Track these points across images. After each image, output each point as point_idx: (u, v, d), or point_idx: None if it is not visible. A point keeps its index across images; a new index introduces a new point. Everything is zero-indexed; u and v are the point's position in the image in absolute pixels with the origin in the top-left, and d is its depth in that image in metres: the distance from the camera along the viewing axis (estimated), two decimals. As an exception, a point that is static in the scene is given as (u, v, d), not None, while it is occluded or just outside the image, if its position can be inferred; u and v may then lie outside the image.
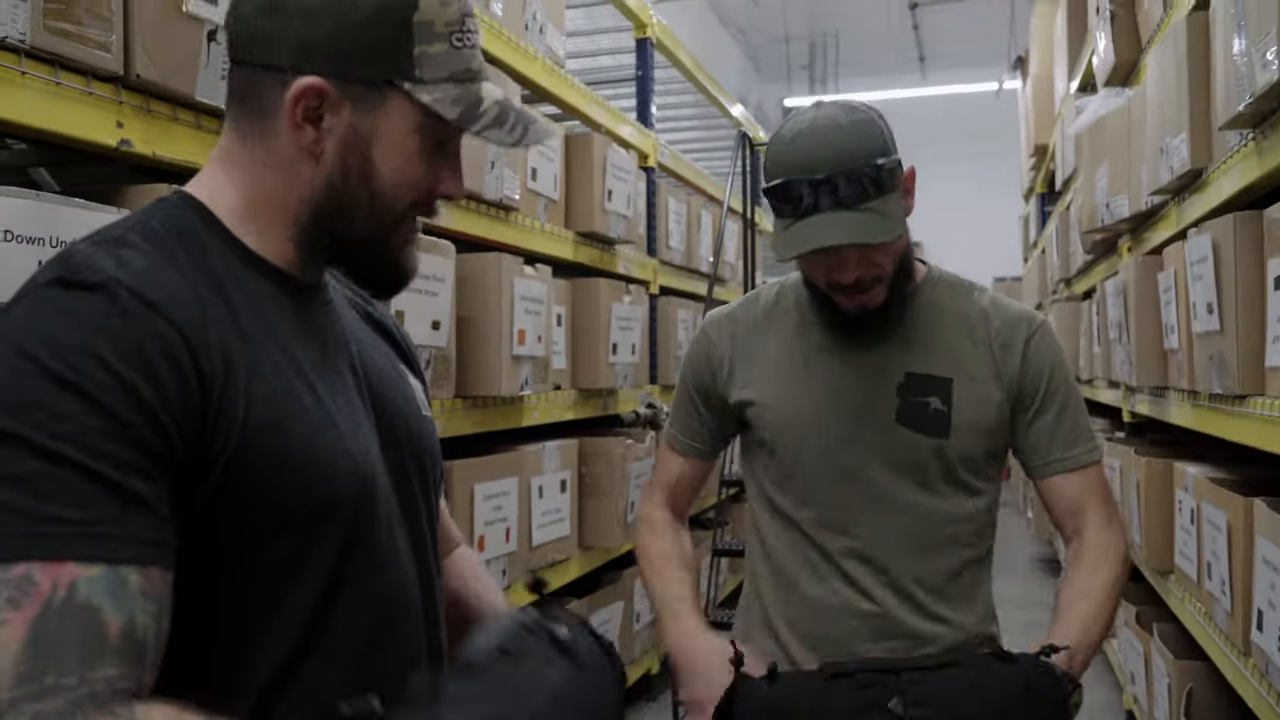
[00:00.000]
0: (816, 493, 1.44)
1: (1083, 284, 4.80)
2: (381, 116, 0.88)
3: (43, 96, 1.43)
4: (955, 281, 1.52)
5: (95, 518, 0.69)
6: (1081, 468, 1.43)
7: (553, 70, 3.27)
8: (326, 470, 0.84)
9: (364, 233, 0.91)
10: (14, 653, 0.64)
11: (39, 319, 0.74)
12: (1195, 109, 2.34)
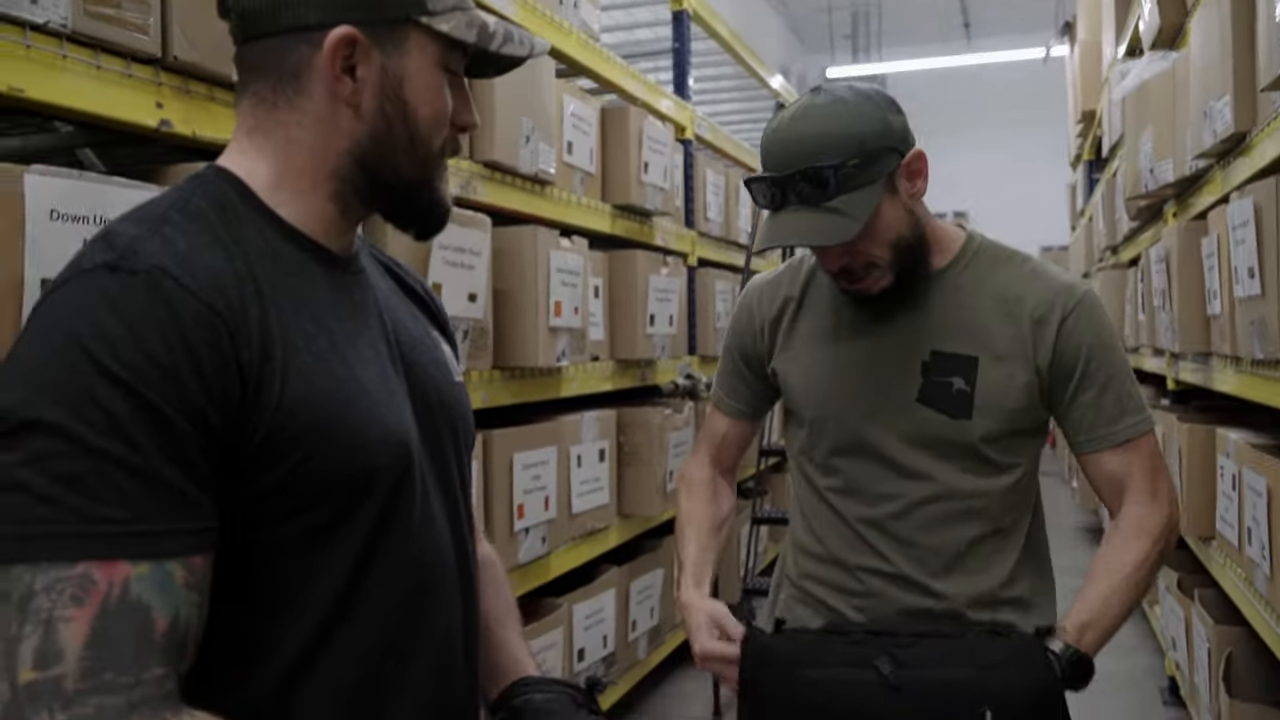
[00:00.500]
0: (838, 464, 1.47)
1: (1129, 251, 4.74)
2: (406, 55, 0.91)
3: (84, 80, 1.48)
4: (998, 251, 1.49)
5: (141, 514, 0.73)
6: (1125, 443, 1.40)
7: (587, 44, 3.28)
8: (362, 440, 0.87)
9: (409, 175, 0.94)
10: (78, 649, 0.69)
11: (89, 307, 0.76)
12: (1239, 71, 2.31)
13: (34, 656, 0.68)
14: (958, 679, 1.28)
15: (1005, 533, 1.44)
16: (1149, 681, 4.05)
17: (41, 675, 0.68)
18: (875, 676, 1.29)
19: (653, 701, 3.91)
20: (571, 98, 3.12)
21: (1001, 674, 1.28)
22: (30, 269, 1.32)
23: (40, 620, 0.69)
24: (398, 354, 0.98)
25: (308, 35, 0.89)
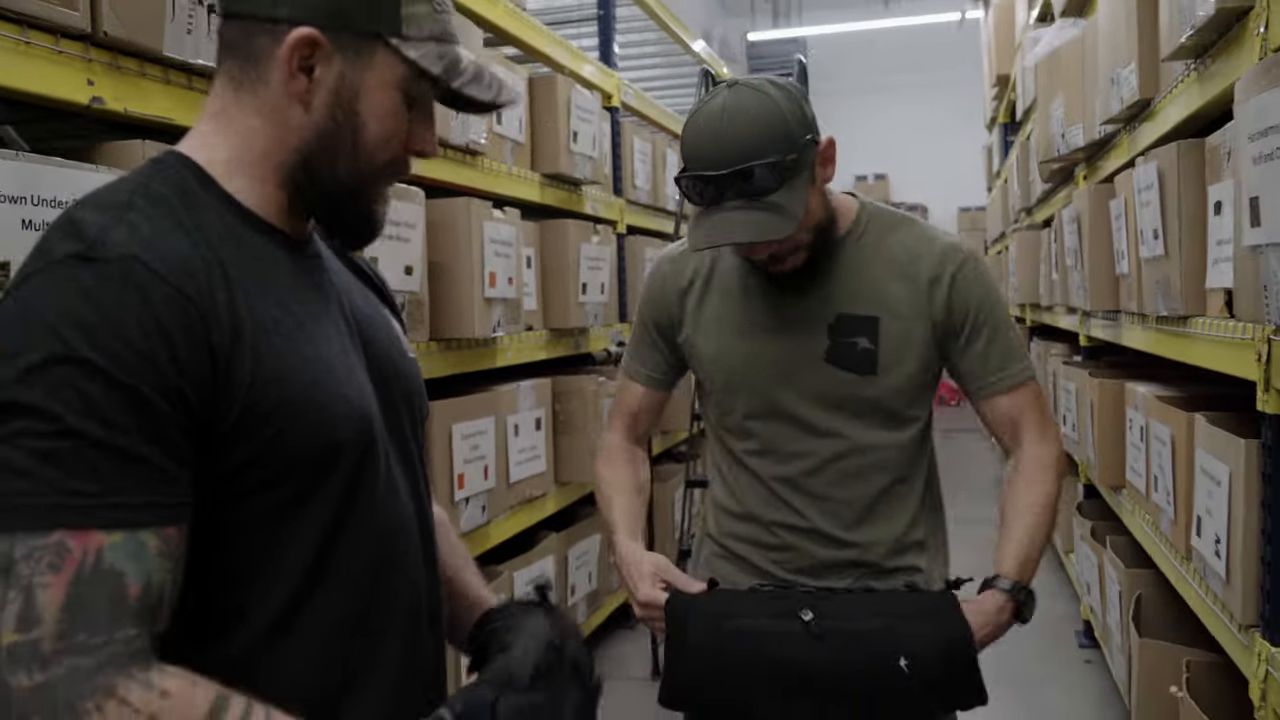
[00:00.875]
0: (752, 427, 1.55)
1: (1043, 212, 4.90)
2: (368, 70, 0.93)
3: (12, 56, 1.45)
4: (888, 217, 1.57)
5: (114, 488, 0.76)
6: (1015, 387, 1.52)
7: (514, 13, 3.28)
8: (329, 415, 0.90)
9: (345, 182, 0.96)
10: (54, 613, 0.72)
11: (63, 297, 0.78)
12: (1144, 40, 2.41)
13: (15, 620, 0.72)
14: (876, 629, 1.37)
15: (908, 482, 1.55)
16: (1065, 626, 4.25)
17: (22, 638, 0.72)
18: (799, 626, 1.38)
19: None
20: (500, 68, 3.12)
21: (917, 625, 1.38)
22: (-31, 251, 1.31)
23: (21, 586, 0.72)
24: (355, 333, 1.01)
25: (274, 27, 0.91)
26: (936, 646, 1.37)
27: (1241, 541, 1.80)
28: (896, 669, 1.35)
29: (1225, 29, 1.85)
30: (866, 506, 1.53)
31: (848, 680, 1.38)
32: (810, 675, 1.38)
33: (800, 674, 1.38)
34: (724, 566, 1.61)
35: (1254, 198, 1.47)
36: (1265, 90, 1.41)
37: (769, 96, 1.39)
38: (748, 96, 1.38)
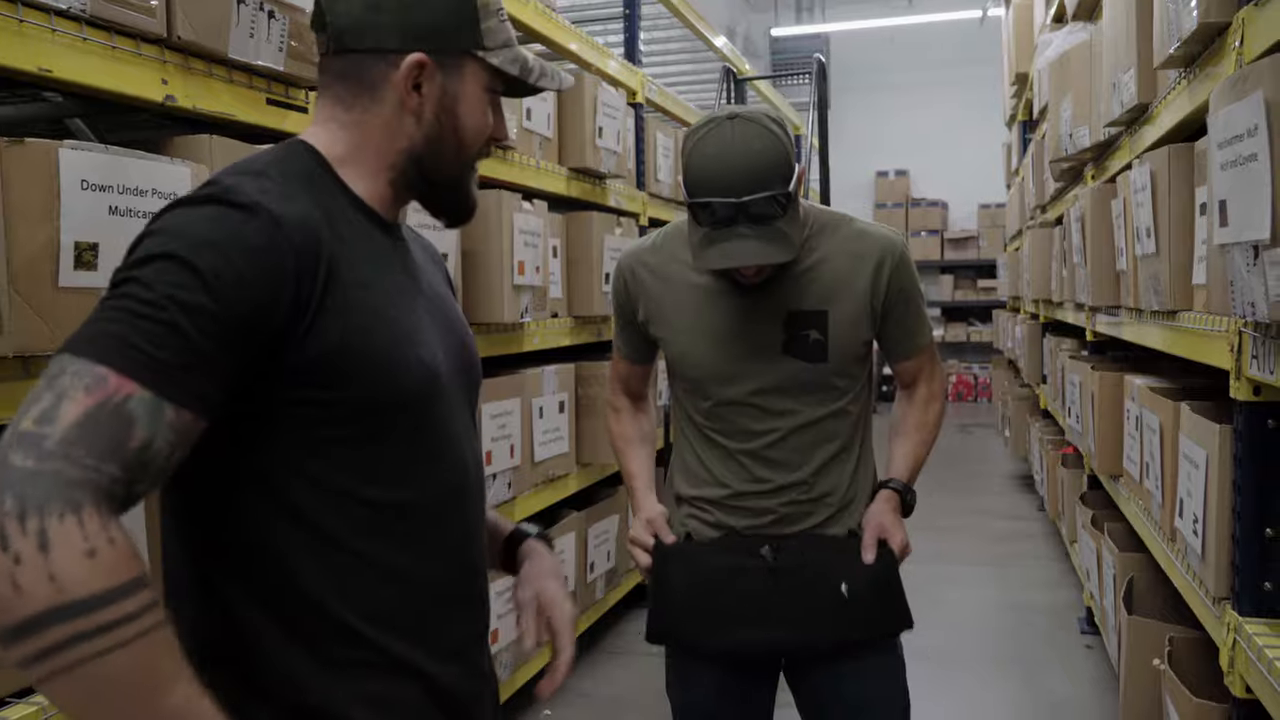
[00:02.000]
0: (719, 412, 1.76)
1: (1055, 210, 5.01)
2: (462, 80, 1.13)
3: (101, 59, 1.62)
4: (827, 218, 1.78)
5: (164, 360, 0.90)
6: (922, 349, 1.86)
7: (544, 13, 3.43)
8: (403, 370, 1.07)
9: (451, 173, 1.15)
10: (69, 422, 0.85)
11: (190, 221, 0.96)
12: (1142, 47, 2.54)
13: (38, 414, 0.85)
14: (822, 561, 1.73)
15: (851, 444, 1.80)
16: (1069, 613, 4.39)
17: (35, 430, 0.84)
18: (760, 562, 1.72)
19: (611, 640, 4.15)
20: (530, 66, 3.27)
21: (853, 561, 1.73)
22: (65, 234, 1.47)
23: (56, 393, 0.86)
24: (431, 305, 1.18)
25: (387, 56, 1.09)
26: (868, 576, 1.72)
27: (1215, 520, 1.94)
28: (838, 594, 1.71)
29: (1209, 41, 1.98)
30: (819, 467, 1.75)
31: (798, 605, 1.70)
32: (767, 604, 1.71)
33: (760, 604, 1.71)
34: (696, 525, 1.81)
35: (1222, 200, 1.61)
36: (1233, 102, 1.55)
37: (771, 132, 1.58)
38: (753, 131, 1.57)
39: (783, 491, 1.74)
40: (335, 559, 1.04)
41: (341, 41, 1.10)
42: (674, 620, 1.78)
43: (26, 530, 0.80)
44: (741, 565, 1.73)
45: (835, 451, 1.76)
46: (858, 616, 1.72)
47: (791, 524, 1.75)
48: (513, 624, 3.10)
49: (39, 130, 2.02)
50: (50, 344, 1.46)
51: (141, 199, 1.59)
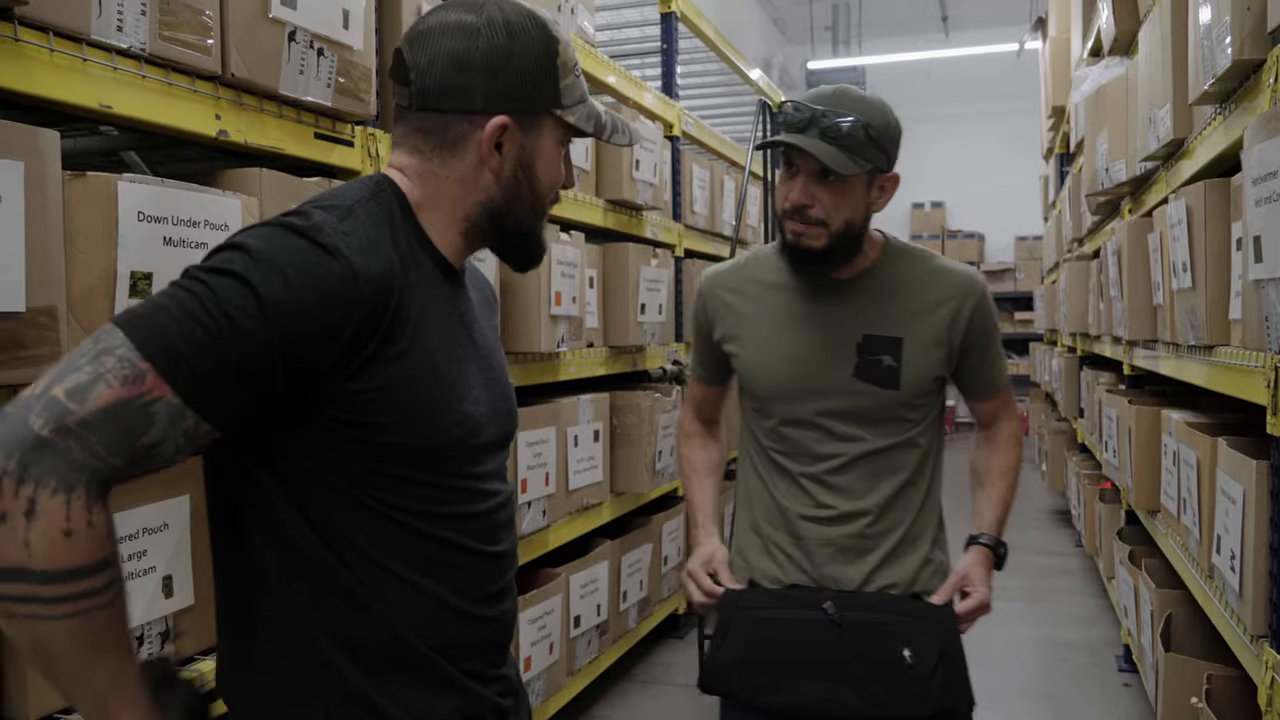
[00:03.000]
0: (785, 432, 1.75)
1: (1093, 244, 4.99)
2: (540, 137, 1.17)
3: (158, 96, 1.68)
4: (909, 251, 1.79)
5: (202, 374, 0.94)
6: (1001, 391, 1.86)
7: (583, 48, 3.50)
8: (443, 423, 1.11)
9: (526, 225, 1.20)
10: (97, 406, 0.90)
11: (276, 246, 1.00)
12: (1177, 83, 2.55)
13: (73, 386, 0.90)
14: (885, 623, 1.65)
15: (918, 479, 1.75)
16: (1106, 650, 4.33)
17: (64, 400, 0.89)
18: (822, 616, 1.66)
19: (641, 669, 4.15)
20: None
21: (920, 626, 1.65)
22: (122, 263, 1.53)
23: (97, 372, 0.91)
24: (480, 355, 1.22)
25: (471, 117, 1.14)
26: (935, 646, 1.64)
27: (1253, 557, 1.93)
28: (901, 658, 1.62)
29: (1244, 78, 1.99)
30: (886, 499, 1.71)
31: (859, 664, 1.63)
32: (828, 659, 1.64)
33: (819, 657, 1.65)
34: (757, 557, 1.79)
35: (1257, 236, 1.61)
36: (1266, 139, 1.56)
37: (884, 104, 1.63)
38: (877, 97, 1.63)
39: (845, 520, 1.71)
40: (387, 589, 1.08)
41: (425, 100, 1.14)
42: (733, 673, 1.72)
43: (19, 494, 0.87)
44: (805, 619, 1.68)
45: (902, 484, 1.73)
46: (919, 688, 1.63)
47: (852, 559, 1.71)
48: (545, 650, 3.12)
49: (94, 162, 2.10)
50: (105, 369, 1.51)
51: (194, 230, 1.65)
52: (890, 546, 1.71)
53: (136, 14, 1.61)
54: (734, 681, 1.71)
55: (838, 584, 1.71)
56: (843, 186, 1.61)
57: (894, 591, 1.70)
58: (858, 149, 1.58)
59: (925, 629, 1.65)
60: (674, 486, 4.37)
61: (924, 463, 1.76)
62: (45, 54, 1.47)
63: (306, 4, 1.93)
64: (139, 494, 1.62)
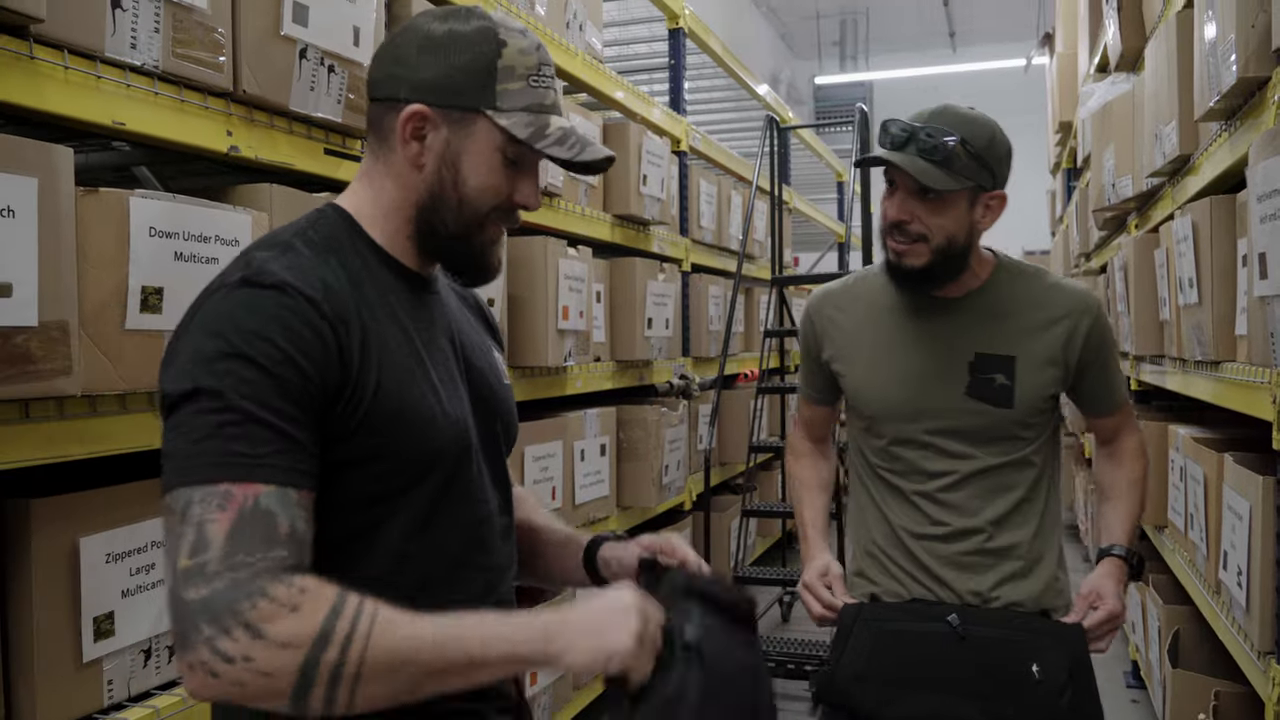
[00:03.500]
0: (895, 451, 1.74)
1: (1099, 258, 4.99)
2: (469, 136, 1.15)
3: (171, 112, 1.70)
4: (1022, 268, 1.77)
5: (266, 453, 0.96)
6: (1118, 408, 1.82)
7: (591, 64, 3.52)
8: (430, 428, 1.11)
9: (455, 230, 1.16)
10: (220, 541, 0.92)
11: (229, 308, 1.01)
12: (1183, 100, 2.55)
13: (189, 549, 0.92)
14: (1012, 638, 1.61)
15: (1033, 497, 1.72)
16: (1115, 665, 4.31)
17: (193, 562, 0.92)
18: (946, 628, 1.63)
19: (647, 683, 4.13)
20: (576, 114, 3.35)
21: (1049, 642, 1.61)
22: (133, 278, 1.54)
23: (194, 523, 0.93)
24: (461, 360, 1.22)
25: (397, 105, 1.14)
26: (1064, 664, 1.59)
27: (1259, 573, 1.93)
28: (1029, 674, 1.57)
29: (1249, 95, 2.00)
30: (1000, 517, 1.69)
31: (985, 679, 1.59)
32: (952, 673, 1.61)
33: (943, 671, 1.62)
34: (877, 574, 1.77)
35: (1261, 253, 1.62)
36: (1271, 156, 1.56)
37: (991, 123, 1.63)
38: (982, 114, 1.64)
39: (960, 538, 1.68)
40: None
41: (370, 91, 1.17)
42: (853, 685, 1.68)
43: (234, 635, 0.90)
44: (928, 631, 1.65)
45: (1016, 502, 1.69)
46: (1047, 705, 1.58)
47: (975, 574, 1.68)
48: (552, 665, 3.12)
49: (105, 178, 2.12)
50: (115, 385, 1.53)
51: (205, 245, 1.67)
52: (1011, 563, 1.69)
53: (150, 32, 1.63)
54: (854, 694, 1.68)
55: (961, 598, 1.68)
56: (942, 204, 1.61)
57: (1020, 609, 1.67)
58: (957, 166, 1.58)
59: (1054, 646, 1.60)
60: (680, 501, 4.37)
61: (1039, 481, 1.73)
62: (60, 71, 1.49)
63: (318, 21, 1.95)
64: (149, 507, 1.63)
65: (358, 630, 0.92)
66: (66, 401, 1.48)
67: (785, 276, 5.24)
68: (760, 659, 1.15)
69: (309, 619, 0.91)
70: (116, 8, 1.56)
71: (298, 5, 1.91)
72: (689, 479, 4.43)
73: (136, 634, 1.60)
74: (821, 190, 9.64)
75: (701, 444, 4.46)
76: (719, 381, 4.41)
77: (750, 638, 1.16)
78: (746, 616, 1.15)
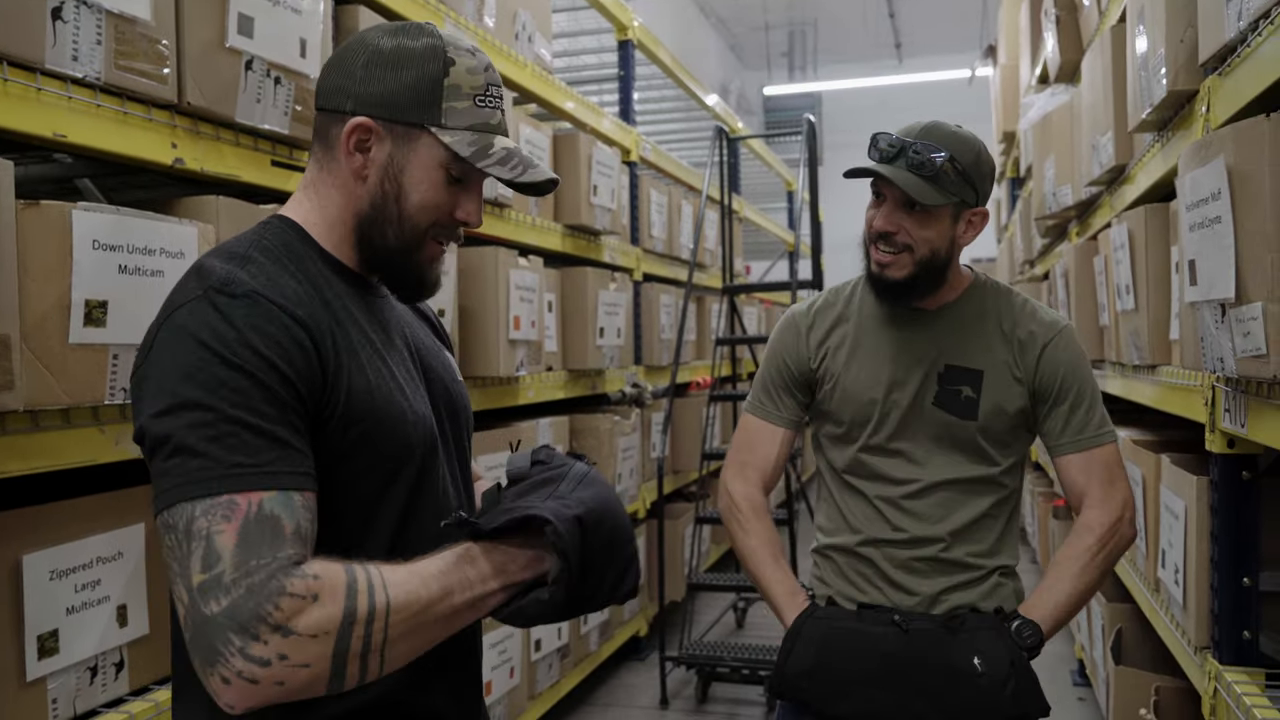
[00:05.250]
0: (861, 457, 1.76)
1: (1043, 265, 5.09)
2: (413, 152, 1.16)
3: (114, 124, 1.69)
4: (996, 287, 1.79)
5: (266, 460, 0.97)
6: (1085, 450, 1.70)
7: (541, 75, 3.53)
8: (403, 424, 1.13)
9: (394, 242, 1.17)
10: (230, 551, 0.93)
11: (203, 320, 1.01)
12: (1118, 112, 2.63)
13: (200, 563, 0.93)
14: (956, 632, 1.65)
15: (994, 516, 1.73)
16: (1061, 665, 4.39)
17: (208, 575, 0.92)
18: (892, 626, 1.67)
19: (603, 693, 4.14)
20: (526, 125, 3.36)
21: (989, 635, 1.65)
22: (76, 292, 1.53)
23: (202, 537, 0.93)
24: (417, 360, 1.23)
25: (342, 117, 1.15)
26: (1006, 656, 1.63)
27: (1195, 570, 1.98)
28: (971, 667, 1.62)
29: (1179, 107, 2.07)
30: (959, 528, 1.70)
31: (930, 673, 1.63)
32: (898, 668, 1.64)
33: (889, 666, 1.65)
34: (833, 579, 1.79)
35: (1191, 260, 1.67)
36: (1198, 167, 1.62)
37: (977, 141, 1.67)
38: (969, 133, 1.67)
39: (918, 544, 1.70)
40: None
41: (317, 101, 1.18)
42: (803, 680, 1.71)
43: (264, 639, 0.91)
44: (875, 630, 1.68)
45: (978, 516, 1.71)
46: (991, 696, 1.61)
47: (925, 577, 1.70)
48: (506, 675, 3.12)
49: (47, 189, 2.09)
50: (59, 399, 1.51)
51: (150, 258, 1.65)
52: (964, 574, 1.71)
53: (92, 43, 1.61)
54: (804, 688, 1.71)
55: (908, 599, 1.70)
56: (928, 217, 1.64)
57: (960, 613, 1.69)
58: (944, 182, 1.61)
59: (995, 640, 1.64)
60: (634, 509, 4.38)
61: (1004, 502, 1.74)
62: (-1, 83, 1.48)
63: (264, 33, 1.95)
64: (93, 523, 1.61)
65: (376, 601, 0.96)
66: (8, 417, 1.46)
67: (736, 285, 5.28)
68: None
69: (331, 604, 0.94)
70: (57, 19, 1.55)
71: (243, 17, 1.91)
72: (642, 487, 4.44)
73: (82, 651, 1.58)
74: (772, 199, 9.73)
75: (654, 452, 4.48)
76: (671, 390, 4.43)
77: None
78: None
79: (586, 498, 1.10)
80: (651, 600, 4.62)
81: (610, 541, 1.11)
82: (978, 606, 1.70)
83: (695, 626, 4.59)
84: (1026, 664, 1.64)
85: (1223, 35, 1.64)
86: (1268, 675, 1.82)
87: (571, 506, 1.08)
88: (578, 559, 1.06)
